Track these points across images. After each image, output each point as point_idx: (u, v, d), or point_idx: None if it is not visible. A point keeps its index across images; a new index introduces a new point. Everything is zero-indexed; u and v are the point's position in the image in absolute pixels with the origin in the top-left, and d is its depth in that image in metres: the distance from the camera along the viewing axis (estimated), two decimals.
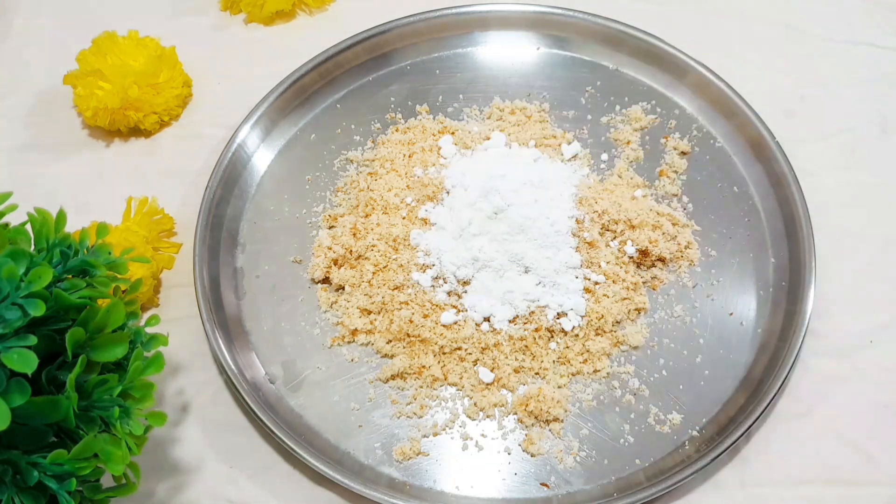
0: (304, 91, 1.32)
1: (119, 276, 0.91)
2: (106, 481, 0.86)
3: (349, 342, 1.14)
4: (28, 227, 0.87)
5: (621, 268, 1.16)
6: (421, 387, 1.10)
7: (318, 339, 1.14)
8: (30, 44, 1.45)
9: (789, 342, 1.09)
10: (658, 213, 1.20)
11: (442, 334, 1.11)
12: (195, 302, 1.13)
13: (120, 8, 1.47)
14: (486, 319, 1.13)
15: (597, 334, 1.13)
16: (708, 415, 1.08)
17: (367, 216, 1.20)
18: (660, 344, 1.13)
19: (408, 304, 1.13)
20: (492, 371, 1.10)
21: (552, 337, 1.12)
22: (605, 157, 1.28)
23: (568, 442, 1.07)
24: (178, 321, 1.15)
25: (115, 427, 0.83)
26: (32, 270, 0.77)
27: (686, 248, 1.18)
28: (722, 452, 1.03)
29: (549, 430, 1.07)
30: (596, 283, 1.15)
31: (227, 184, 1.23)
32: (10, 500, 0.78)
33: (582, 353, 1.12)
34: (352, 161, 1.28)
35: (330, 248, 1.18)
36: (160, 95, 1.29)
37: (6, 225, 0.86)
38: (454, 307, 1.13)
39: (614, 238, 1.18)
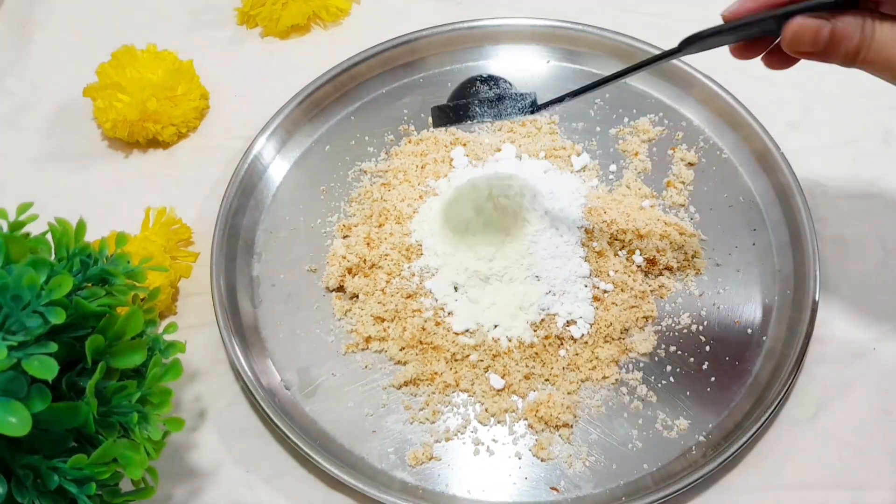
0: (318, 103, 1.34)
1: (138, 284, 0.92)
2: (125, 486, 0.86)
3: (363, 349, 1.15)
4: (49, 236, 0.89)
5: (629, 276, 1.17)
6: (433, 393, 1.11)
7: (332, 347, 1.15)
8: (50, 57, 1.46)
9: (794, 349, 1.10)
10: (665, 223, 1.21)
11: (454, 341, 1.13)
12: (212, 310, 1.14)
13: (139, 22, 1.49)
14: (497, 327, 1.14)
15: (605, 342, 1.13)
16: (714, 420, 1.09)
17: (380, 226, 1.21)
18: (667, 351, 1.14)
19: (420, 311, 1.15)
20: (503, 378, 1.11)
21: (562, 344, 1.13)
22: (613, 168, 1.29)
23: (577, 447, 1.07)
24: (195, 329, 1.16)
25: (134, 432, 0.84)
26: (53, 279, 0.78)
27: (693, 257, 1.19)
28: (728, 457, 1.03)
29: (559, 436, 1.08)
30: (605, 292, 1.16)
31: (244, 194, 1.25)
32: None
33: (591, 360, 1.12)
34: (366, 172, 1.29)
35: (344, 258, 1.19)
36: (178, 108, 1.31)
37: (27, 234, 0.87)
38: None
39: (623, 247, 1.19)
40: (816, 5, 0.82)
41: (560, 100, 1.04)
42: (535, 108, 1.05)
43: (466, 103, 1.05)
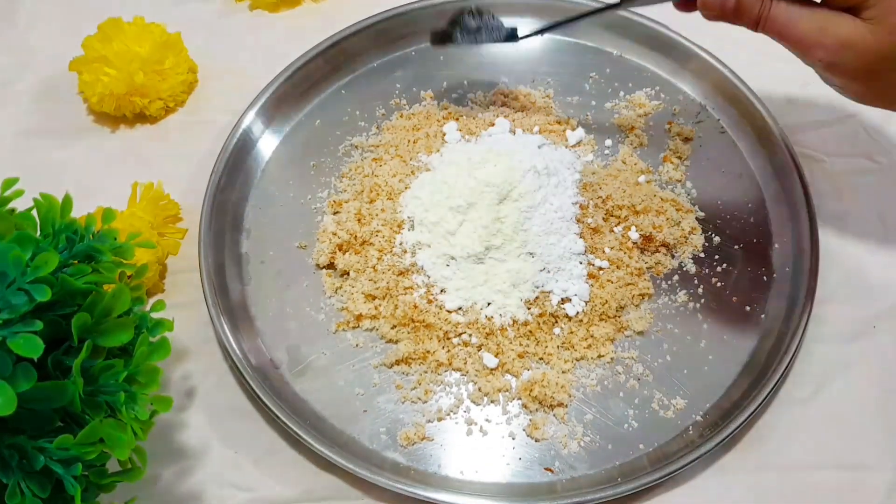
0: (308, 77, 1.32)
1: (125, 261, 0.91)
2: (112, 466, 0.86)
3: (354, 327, 1.14)
4: (34, 212, 0.87)
5: (625, 253, 1.16)
6: (425, 372, 1.10)
7: (322, 325, 1.14)
8: (36, 30, 1.45)
9: (793, 327, 1.10)
10: (662, 199, 1.20)
11: (446, 319, 1.12)
12: (200, 287, 1.13)
13: None
14: (490, 305, 1.13)
15: (601, 319, 1.13)
16: (711, 400, 1.08)
17: (371, 202, 1.20)
18: (664, 329, 1.13)
19: (412, 289, 1.14)
20: (496, 356, 1.10)
21: (556, 322, 1.12)
22: (609, 142, 1.28)
23: (572, 427, 1.07)
24: (183, 306, 1.14)
25: (121, 412, 0.83)
26: (38, 256, 0.77)
27: (690, 233, 1.18)
28: (725, 438, 1.03)
29: (554, 415, 1.07)
30: (600, 269, 1.15)
31: (233, 169, 1.24)
32: (17, 485, 0.78)
33: (586, 339, 1.12)
34: (356, 147, 1.28)
35: (335, 234, 1.18)
36: (165, 81, 1.29)
37: (12, 210, 0.86)
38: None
39: (618, 224, 1.18)
40: None
41: (539, 32, 1.21)
42: (511, 38, 1.18)
43: (451, 32, 1.18)
